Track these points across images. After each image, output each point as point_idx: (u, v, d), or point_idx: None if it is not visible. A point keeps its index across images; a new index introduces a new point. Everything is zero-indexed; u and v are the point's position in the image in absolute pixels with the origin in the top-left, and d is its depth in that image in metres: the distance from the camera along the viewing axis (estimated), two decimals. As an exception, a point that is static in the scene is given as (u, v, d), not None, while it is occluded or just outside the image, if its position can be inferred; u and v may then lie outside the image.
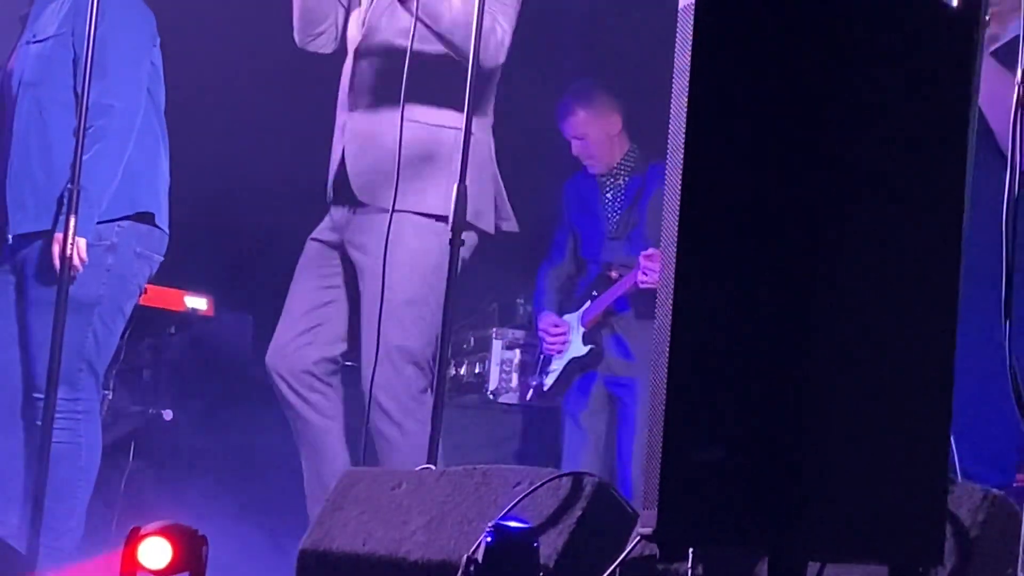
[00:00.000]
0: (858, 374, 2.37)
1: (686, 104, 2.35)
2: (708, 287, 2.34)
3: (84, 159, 4.57)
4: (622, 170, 6.12)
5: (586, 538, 3.07)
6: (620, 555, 2.90)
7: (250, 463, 5.98)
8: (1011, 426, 2.75)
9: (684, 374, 2.31)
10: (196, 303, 6.46)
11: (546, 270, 6.32)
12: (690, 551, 2.51)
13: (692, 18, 2.36)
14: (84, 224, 4.61)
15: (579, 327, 6.09)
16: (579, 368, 6.10)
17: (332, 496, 3.62)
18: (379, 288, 4.66)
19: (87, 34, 4.58)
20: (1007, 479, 3.78)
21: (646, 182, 6.00)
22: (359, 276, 4.96)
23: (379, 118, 4.94)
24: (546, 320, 6.18)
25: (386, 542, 3.36)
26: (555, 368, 6.17)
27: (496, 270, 6.17)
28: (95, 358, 4.86)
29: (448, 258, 4.60)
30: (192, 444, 6.18)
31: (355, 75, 5.03)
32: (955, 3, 2.52)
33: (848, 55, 2.38)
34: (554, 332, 6.12)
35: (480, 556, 2.89)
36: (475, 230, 4.84)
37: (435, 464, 3.90)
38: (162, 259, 4.99)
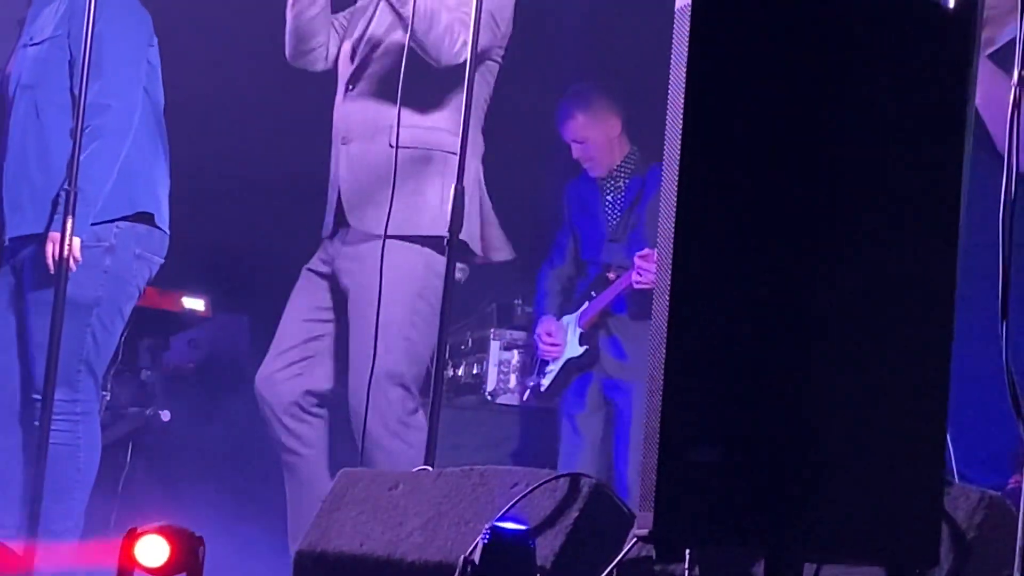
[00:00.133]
0: (855, 375, 2.36)
1: (682, 105, 2.35)
2: (704, 287, 2.34)
3: (80, 159, 4.57)
4: (622, 172, 6.12)
5: (583, 539, 3.07)
6: (617, 556, 2.91)
7: (248, 464, 5.98)
8: (1005, 427, 2.75)
9: (680, 374, 2.31)
10: (193, 304, 6.47)
11: (547, 272, 6.32)
12: (687, 552, 2.51)
13: (688, 19, 2.36)
14: (79, 223, 4.61)
15: (576, 328, 6.09)
16: (576, 369, 6.10)
17: (329, 497, 3.62)
18: (364, 312, 4.72)
19: (84, 35, 4.58)
20: (1001, 480, 3.77)
21: (646, 184, 6.00)
22: (346, 300, 4.99)
23: (369, 146, 4.97)
24: (542, 326, 6.18)
25: (383, 543, 3.36)
26: (552, 369, 6.17)
27: (494, 271, 6.16)
28: (94, 359, 4.86)
29: (433, 285, 4.71)
30: (189, 445, 6.18)
31: (346, 108, 5.06)
32: (951, 5, 2.52)
33: (845, 56, 2.38)
34: (547, 340, 6.12)
35: (477, 557, 2.89)
36: (465, 251, 4.84)
37: (432, 465, 3.90)
38: (162, 261, 4.98)
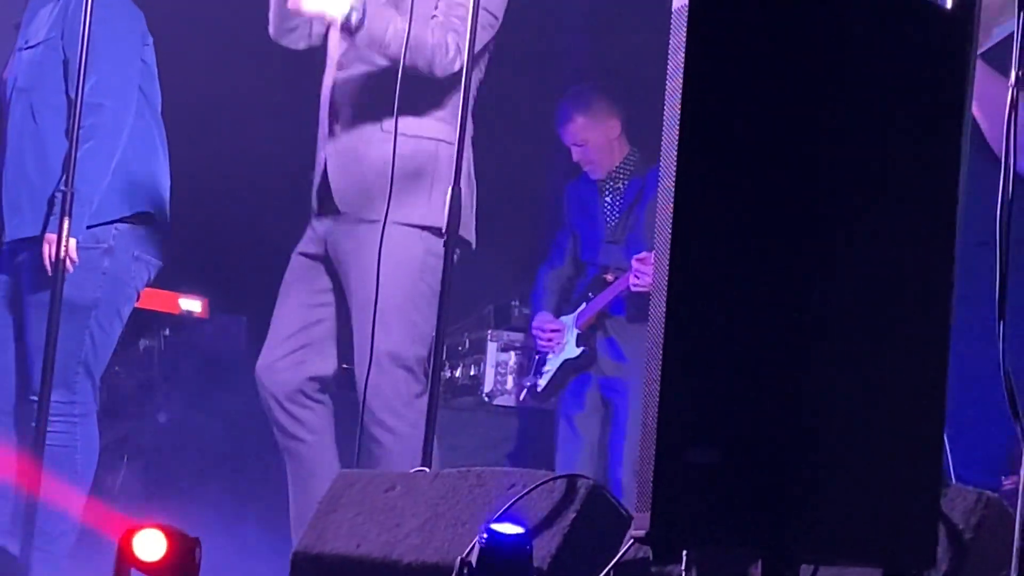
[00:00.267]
0: (852, 376, 2.36)
1: (680, 105, 2.35)
2: (701, 289, 2.33)
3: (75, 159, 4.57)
4: (621, 174, 6.12)
5: (580, 541, 3.07)
6: (614, 558, 2.90)
7: (245, 465, 5.98)
8: (1000, 428, 2.75)
9: (677, 376, 2.31)
10: (190, 305, 6.47)
11: (545, 272, 6.31)
12: (684, 553, 2.51)
13: (686, 19, 2.36)
14: (75, 223, 4.60)
15: (573, 329, 6.09)
16: (573, 370, 6.10)
17: (326, 498, 3.62)
18: (365, 296, 4.68)
19: (80, 35, 4.57)
20: (995, 481, 3.77)
21: (645, 185, 6.00)
22: (344, 284, 4.96)
23: (361, 132, 4.94)
24: (541, 319, 6.18)
25: (380, 544, 3.35)
26: (549, 369, 6.17)
27: (492, 272, 6.16)
28: (91, 361, 4.85)
29: (432, 265, 4.69)
30: (186, 446, 6.17)
31: (336, 90, 5.04)
32: (949, 5, 2.52)
33: (842, 56, 2.38)
34: (548, 330, 6.12)
35: (474, 558, 2.89)
36: (461, 240, 4.84)
37: (430, 466, 3.90)
38: (161, 264, 4.98)
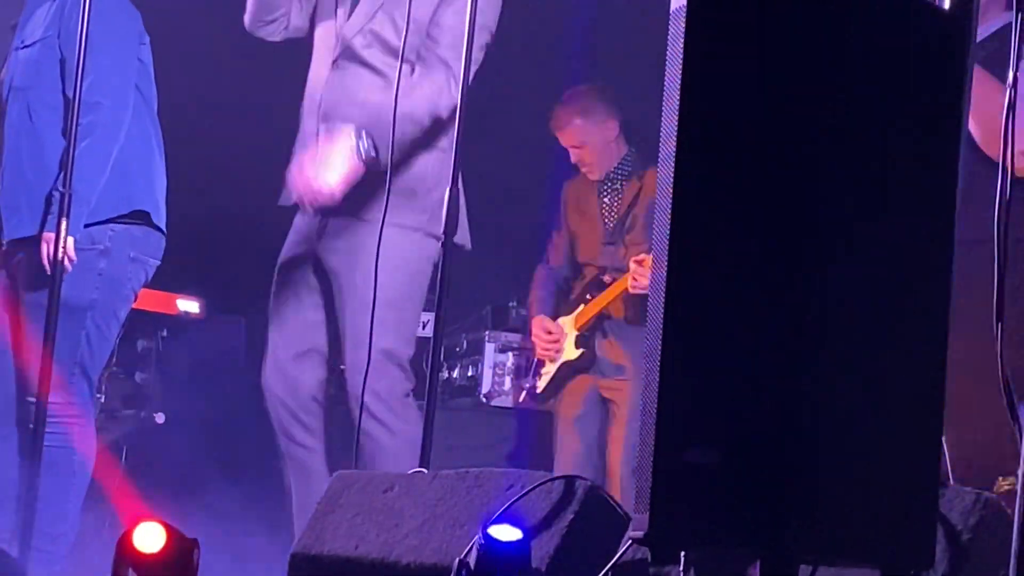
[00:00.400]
0: (850, 376, 2.36)
1: (678, 107, 2.35)
2: (699, 290, 2.33)
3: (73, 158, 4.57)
4: (620, 175, 6.11)
5: (578, 542, 3.07)
6: (612, 558, 2.91)
7: (243, 467, 5.97)
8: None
9: (675, 377, 2.31)
10: (188, 306, 6.46)
11: (543, 273, 6.31)
12: (682, 554, 2.51)
13: (684, 20, 2.36)
14: (73, 222, 4.60)
15: (572, 331, 6.09)
16: (571, 371, 6.09)
17: (324, 499, 3.62)
18: (361, 296, 4.73)
19: (77, 34, 4.57)
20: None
21: (643, 187, 6.00)
22: (334, 282, 4.99)
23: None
24: (540, 325, 6.17)
25: (378, 545, 3.35)
26: (548, 371, 6.16)
27: (489, 273, 6.16)
28: (88, 362, 4.85)
29: (424, 269, 4.84)
30: (184, 447, 6.17)
31: (329, 88, 5.05)
32: (947, 6, 2.53)
33: (840, 58, 2.38)
34: (547, 338, 6.12)
35: (472, 559, 2.89)
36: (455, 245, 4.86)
37: (427, 467, 3.90)
38: (159, 263, 4.97)
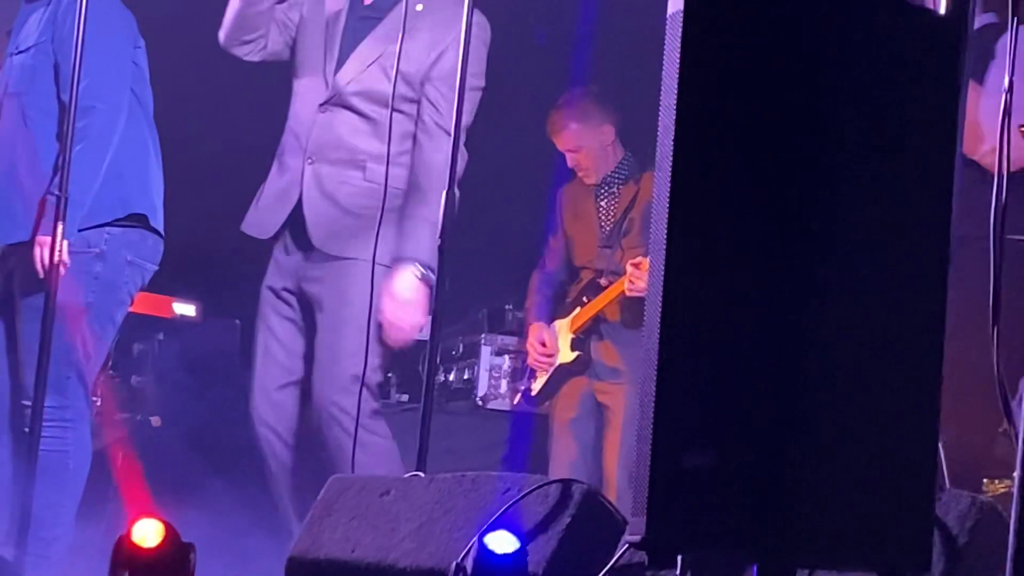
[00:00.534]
0: (847, 380, 2.37)
1: (674, 110, 2.35)
2: (696, 294, 2.34)
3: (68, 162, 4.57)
4: (616, 178, 6.11)
5: (575, 545, 3.07)
6: (609, 562, 2.90)
7: (239, 469, 5.97)
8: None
9: (672, 380, 2.31)
10: (184, 309, 6.47)
11: (539, 278, 6.31)
12: (679, 558, 2.51)
13: (680, 24, 2.36)
14: (67, 226, 4.59)
15: (568, 333, 6.09)
16: (567, 374, 6.09)
17: (320, 503, 3.61)
18: (336, 329, 4.88)
19: (74, 39, 4.57)
20: None
21: (640, 190, 6.00)
22: (316, 312, 5.02)
23: (343, 172, 4.99)
24: (535, 335, 6.17)
25: (375, 549, 3.35)
26: (544, 374, 6.16)
27: (485, 276, 6.16)
28: (84, 366, 4.84)
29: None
30: (180, 450, 6.16)
31: (319, 129, 5.06)
32: (942, 11, 2.53)
33: (836, 62, 2.38)
34: (541, 350, 6.12)
35: (469, 563, 2.89)
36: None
37: (424, 471, 3.90)
38: (156, 268, 4.97)
